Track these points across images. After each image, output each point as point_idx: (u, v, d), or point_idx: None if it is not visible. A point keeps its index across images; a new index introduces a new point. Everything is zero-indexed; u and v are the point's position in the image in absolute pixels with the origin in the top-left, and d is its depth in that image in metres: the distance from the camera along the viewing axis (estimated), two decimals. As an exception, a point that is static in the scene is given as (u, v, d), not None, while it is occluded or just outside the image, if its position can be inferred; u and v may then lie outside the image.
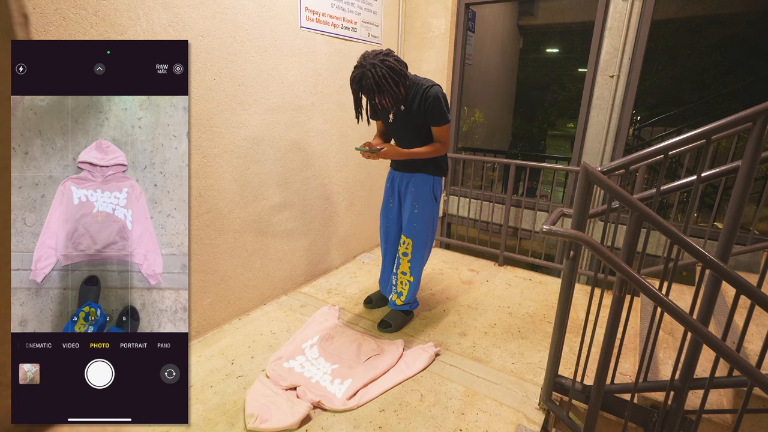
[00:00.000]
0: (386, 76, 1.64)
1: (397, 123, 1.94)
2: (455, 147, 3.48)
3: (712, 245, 2.38)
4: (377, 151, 1.80)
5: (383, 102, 1.69)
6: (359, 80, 1.65)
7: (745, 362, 1.11)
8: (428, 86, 1.78)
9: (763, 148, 1.19)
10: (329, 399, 1.67)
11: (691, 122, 4.64)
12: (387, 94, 1.66)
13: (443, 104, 1.79)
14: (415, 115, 1.84)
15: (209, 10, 1.83)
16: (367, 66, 1.63)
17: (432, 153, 1.90)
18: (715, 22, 5.03)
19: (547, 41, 7.03)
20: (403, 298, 2.17)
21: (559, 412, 1.57)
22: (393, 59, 1.68)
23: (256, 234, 2.31)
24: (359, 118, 1.76)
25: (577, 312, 2.42)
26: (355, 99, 1.72)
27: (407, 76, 1.74)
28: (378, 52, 1.68)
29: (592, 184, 1.28)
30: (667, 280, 1.33)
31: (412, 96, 1.82)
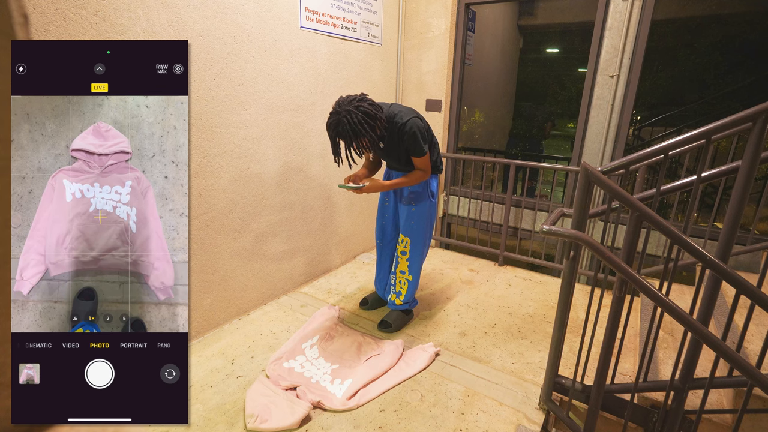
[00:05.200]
0: (361, 121, 1.67)
1: (380, 155, 2.02)
2: (455, 147, 3.48)
3: (712, 245, 2.38)
4: (360, 187, 1.87)
5: (361, 145, 1.74)
6: (335, 126, 1.69)
7: (745, 362, 1.11)
8: (403, 122, 1.82)
9: (763, 148, 1.19)
10: (329, 399, 1.67)
11: (691, 122, 4.64)
12: (363, 137, 1.70)
13: (419, 138, 1.83)
14: (396, 146, 1.90)
15: (209, 10, 1.83)
16: (342, 113, 1.67)
17: (413, 181, 1.96)
18: (715, 22, 5.02)
19: (547, 41, 7.03)
20: (402, 297, 2.17)
21: (559, 412, 1.57)
22: (367, 104, 1.72)
23: (256, 234, 2.31)
24: (339, 162, 1.80)
25: (577, 312, 2.42)
26: (333, 144, 1.76)
27: (382, 119, 1.77)
28: (353, 98, 1.72)
29: (592, 184, 1.28)
30: (667, 280, 1.33)
31: (390, 133, 1.86)
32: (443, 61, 3.15)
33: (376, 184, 1.91)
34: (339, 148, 1.78)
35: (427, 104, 3.29)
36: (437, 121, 3.27)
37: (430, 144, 1.96)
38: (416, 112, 1.88)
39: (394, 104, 1.90)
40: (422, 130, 1.85)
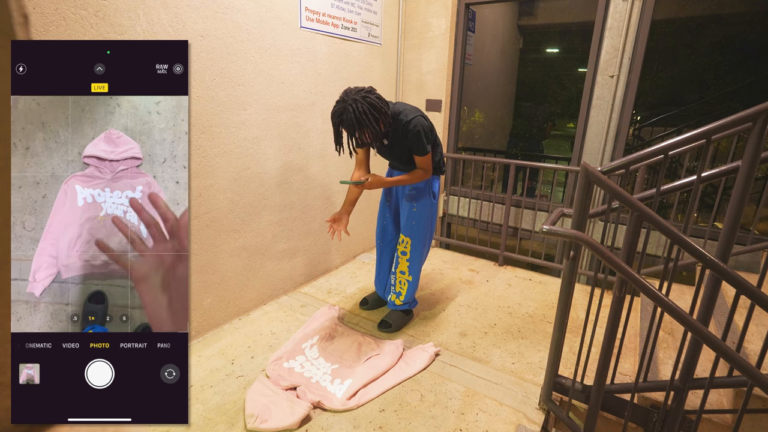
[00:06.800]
0: (367, 112, 1.66)
1: (383, 152, 2.01)
2: (455, 147, 3.48)
3: (712, 245, 2.38)
4: (363, 182, 1.86)
5: (363, 137, 1.72)
6: (340, 114, 1.68)
7: (745, 362, 1.11)
8: (408, 120, 1.82)
9: (763, 148, 1.19)
10: (329, 399, 1.67)
11: (691, 122, 4.64)
12: (367, 129, 1.68)
13: (422, 137, 1.83)
14: (400, 144, 1.90)
15: (209, 10, 1.83)
16: (349, 101, 1.66)
17: (415, 180, 1.96)
18: (715, 22, 5.02)
19: (547, 41, 7.03)
20: (402, 297, 2.17)
21: (559, 412, 1.57)
22: (374, 97, 1.71)
23: (256, 234, 2.31)
24: (340, 151, 1.78)
25: (577, 312, 2.42)
26: (336, 132, 1.75)
27: (388, 114, 1.77)
28: (360, 89, 1.71)
29: (592, 184, 1.28)
30: (667, 280, 1.33)
31: (394, 130, 1.86)
32: (443, 61, 3.15)
33: (378, 179, 1.90)
34: (341, 137, 1.76)
35: (427, 104, 3.29)
36: (437, 121, 3.27)
37: (433, 144, 1.96)
38: (421, 111, 1.88)
39: (399, 102, 1.91)
40: (426, 128, 1.85)
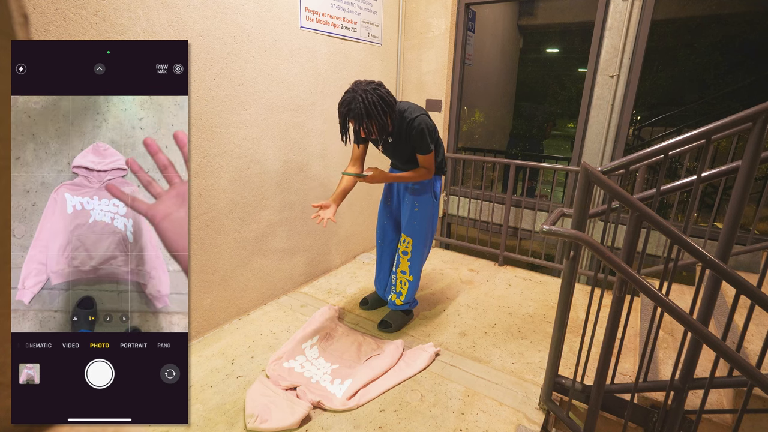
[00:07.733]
0: (376, 103, 1.67)
1: (387, 149, 2.01)
2: (455, 147, 3.48)
3: (712, 245, 2.38)
4: (365, 175, 1.86)
5: (370, 128, 1.72)
6: (348, 103, 1.68)
7: (745, 362, 1.11)
8: (413, 118, 1.82)
9: (763, 148, 1.19)
10: (329, 399, 1.67)
11: (691, 122, 4.64)
12: (374, 120, 1.68)
13: (426, 136, 1.84)
14: (403, 142, 1.90)
15: (209, 10, 1.83)
16: (359, 91, 1.67)
17: (417, 178, 1.96)
18: (715, 22, 5.02)
19: (547, 41, 7.03)
20: (403, 297, 2.17)
21: (559, 412, 1.57)
22: (384, 90, 1.72)
23: (256, 234, 2.31)
24: (346, 141, 1.79)
25: (577, 312, 2.42)
26: (342, 122, 1.75)
27: (395, 110, 1.77)
28: (370, 82, 1.73)
29: (592, 184, 1.28)
30: (667, 280, 1.33)
31: (398, 127, 1.86)
32: (443, 61, 3.15)
33: (380, 173, 1.90)
34: (347, 126, 1.76)
35: (427, 104, 3.29)
36: (437, 121, 3.27)
37: (436, 144, 1.95)
38: (424, 110, 1.88)
39: (403, 101, 1.91)
40: (430, 128, 1.86)
